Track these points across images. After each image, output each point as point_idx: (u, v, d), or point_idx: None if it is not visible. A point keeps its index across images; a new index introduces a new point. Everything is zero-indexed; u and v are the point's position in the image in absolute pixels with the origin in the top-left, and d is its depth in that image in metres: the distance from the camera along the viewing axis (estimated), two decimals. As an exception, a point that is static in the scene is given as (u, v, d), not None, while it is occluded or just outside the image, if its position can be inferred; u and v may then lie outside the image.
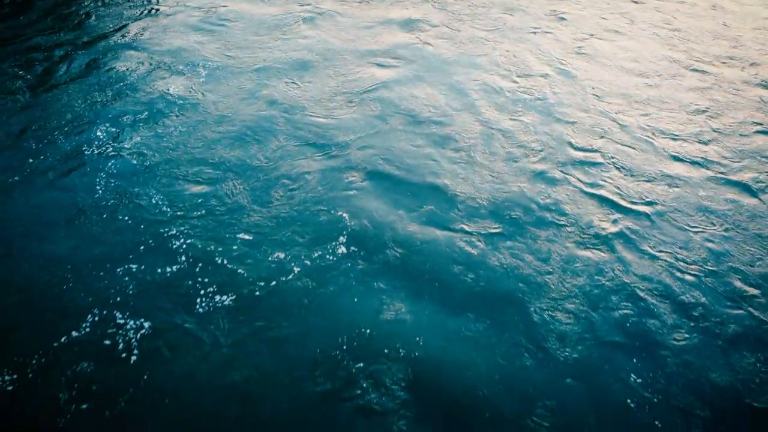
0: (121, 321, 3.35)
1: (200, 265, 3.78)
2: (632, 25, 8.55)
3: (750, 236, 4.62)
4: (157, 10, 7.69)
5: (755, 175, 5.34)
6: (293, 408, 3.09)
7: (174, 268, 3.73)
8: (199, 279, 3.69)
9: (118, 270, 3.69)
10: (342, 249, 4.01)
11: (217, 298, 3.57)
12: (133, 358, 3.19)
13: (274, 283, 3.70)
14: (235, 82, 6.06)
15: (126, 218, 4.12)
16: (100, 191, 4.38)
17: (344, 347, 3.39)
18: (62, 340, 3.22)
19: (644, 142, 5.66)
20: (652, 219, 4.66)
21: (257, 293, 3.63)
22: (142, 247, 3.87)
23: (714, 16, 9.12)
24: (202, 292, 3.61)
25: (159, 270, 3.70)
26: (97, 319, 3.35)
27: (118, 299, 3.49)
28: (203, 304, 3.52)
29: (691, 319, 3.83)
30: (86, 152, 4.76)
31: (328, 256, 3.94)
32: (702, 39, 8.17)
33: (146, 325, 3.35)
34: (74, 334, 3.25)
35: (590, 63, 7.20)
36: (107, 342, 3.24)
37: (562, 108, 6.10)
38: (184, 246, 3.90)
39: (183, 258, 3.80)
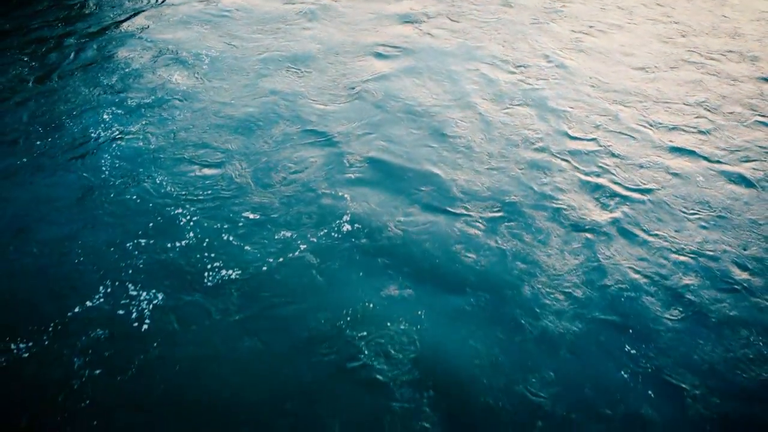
0: (133, 293, 3.51)
1: (207, 241, 3.94)
2: (631, 17, 8.74)
3: (744, 222, 4.78)
4: (162, 0, 7.85)
5: (752, 163, 5.51)
6: (299, 376, 3.26)
7: (182, 243, 3.90)
8: (206, 254, 3.85)
9: (128, 245, 3.86)
10: (347, 227, 4.18)
11: (225, 272, 3.74)
12: (144, 327, 3.35)
13: (281, 259, 3.87)
14: (237, 70, 6.22)
15: (134, 197, 4.28)
16: (107, 172, 4.53)
17: (348, 319, 3.56)
18: (76, 310, 3.39)
19: (642, 132, 5.83)
20: (648, 204, 4.84)
21: (264, 268, 3.80)
22: (150, 224, 4.04)
23: (713, 8, 9.31)
24: (209, 267, 3.77)
25: (168, 245, 3.87)
26: (109, 290, 3.51)
27: (130, 272, 3.66)
28: (212, 278, 3.69)
29: (685, 298, 4.00)
30: (93, 135, 4.93)
31: (333, 234, 4.12)
32: (701, 32, 8.36)
33: (156, 296, 3.52)
34: (88, 304, 3.42)
35: (588, 55, 7.38)
36: (120, 312, 3.41)
37: (559, 98, 6.27)
38: (191, 223, 4.07)
39: (191, 234, 3.97)
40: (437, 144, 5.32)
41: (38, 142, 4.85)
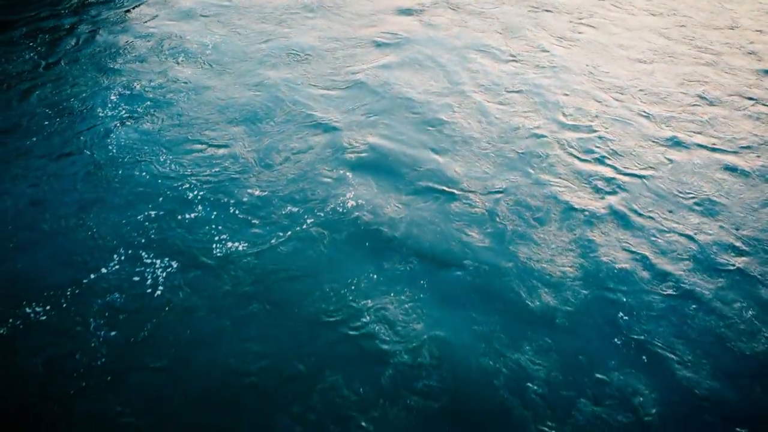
0: (147, 261, 3.72)
1: (215, 213, 4.15)
2: (630, 8, 8.95)
3: (738, 205, 4.98)
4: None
5: (748, 151, 5.71)
6: (304, 341, 3.46)
7: (192, 215, 4.11)
8: (215, 226, 4.06)
9: (139, 217, 4.07)
10: (351, 203, 4.41)
11: (234, 243, 3.95)
12: (158, 293, 3.55)
13: (288, 233, 4.09)
14: (240, 57, 6.43)
15: (143, 173, 4.49)
16: (115, 151, 4.74)
17: (353, 289, 3.77)
18: (92, 276, 3.60)
19: (638, 119, 6.04)
20: (644, 186, 5.04)
21: (273, 241, 4.01)
22: (160, 198, 4.25)
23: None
24: (217, 238, 3.98)
25: (179, 217, 4.08)
26: (123, 258, 3.73)
27: (142, 241, 3.87)
28: (221, 248, 3.90)
29: (677, 273, 4.20)
30: (101, 116, 5.13)
31: (338, 209, 4.34)
32: (699, 23, 8.58)
33: (169, 263, 3.73)
34: (103, 271, 3.63)
35: (586, 45, 7.59)
36: (135, 279, 3.62)
37: (557, 87, 6.48)
38: (199, 197, 4.29)
39: (200, 207, 4.18)
40: (436, 129, 5.52)
41: (46, 122, 5.05)
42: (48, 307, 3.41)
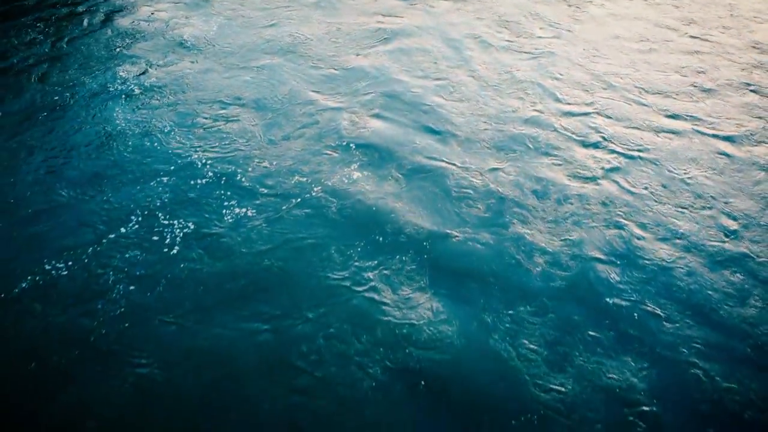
0: (164, 222, 4.04)
1: (225, 182, 4.47)
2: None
3: (731, 183, 5.27)
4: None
5: (743, 129, 6.01)
6: (310, 294, 3.76)
7: (203, 181, 4.41)
8: (226, 193, 4.38)
9: (152, 183, 4.37)
10: (357, 174, 4.72)
11: (244, 209, 4.25)
12: (173, 252, 3.85)
13: (299, 199, 4.40)
14: (244, 36, 6.75)
15: (154, 144, 4.80)
16: (126, 122, 5.05)
17: (359, 250, 4.07)
18: (111, 236, 3.89)
19: (636, 99, 6.35)
20: (639, 162, 5.34)
21: (284, 207, 4.32)
22: (172, 167, 4.55)
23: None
24: (226, 204, 4.29)
25: (191, 182, 4.39)
26: (140, 219, 4.03)
27: (158, 204, 4.17)
28: (233, 214, 4.21)
29: (669, 242, 4.50)
30: (110, 90, 5.44)
31: (344, 179, 4.65)
32: (698, 9, 8.90)
33: (184, 225, 4.03)
34: (122, 230, 3.92)
35: (584, 30, 7.92)
36: (155, 238, 3.93)
37: (555, 69, 6.79)
38: (209, 167, 4.60)
39: (210, 174, 4.50)
40: (435, 110, 5.83)
41: (56, 98, 5.34)
42: (70, 263, 3.70)
